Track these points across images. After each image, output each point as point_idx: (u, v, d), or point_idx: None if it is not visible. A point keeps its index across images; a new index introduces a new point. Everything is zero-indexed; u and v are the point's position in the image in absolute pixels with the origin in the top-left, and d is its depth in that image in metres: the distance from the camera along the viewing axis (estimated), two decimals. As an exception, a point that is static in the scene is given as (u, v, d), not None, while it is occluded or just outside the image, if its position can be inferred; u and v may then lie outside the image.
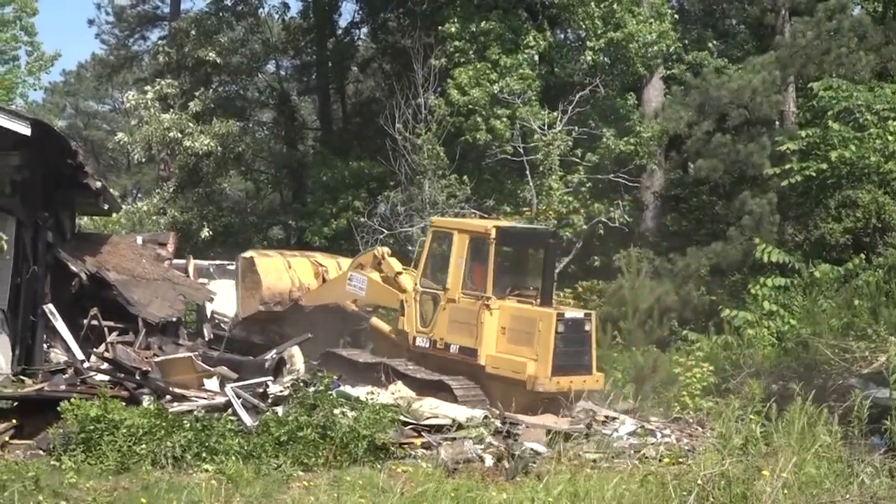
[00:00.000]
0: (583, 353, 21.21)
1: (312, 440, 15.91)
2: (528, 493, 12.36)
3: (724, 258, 29.80)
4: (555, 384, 20.39)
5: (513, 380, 20.65)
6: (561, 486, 12.45)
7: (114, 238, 27.73)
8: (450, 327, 21.83)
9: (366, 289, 23.71)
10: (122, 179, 61.04)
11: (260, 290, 25.13)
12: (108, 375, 18.75)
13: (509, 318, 21.23)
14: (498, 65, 33.13)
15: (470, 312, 21.49)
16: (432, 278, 22.74)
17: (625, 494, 11.78)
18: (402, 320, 22.75)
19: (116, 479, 14.32)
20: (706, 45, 37.12)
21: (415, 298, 22.56)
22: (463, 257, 21.83)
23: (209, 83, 40.55)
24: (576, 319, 21.25)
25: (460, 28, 33.65)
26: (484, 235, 21.72)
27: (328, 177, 36.73)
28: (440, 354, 21.89)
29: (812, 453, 12.26)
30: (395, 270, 23.37)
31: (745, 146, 30.75)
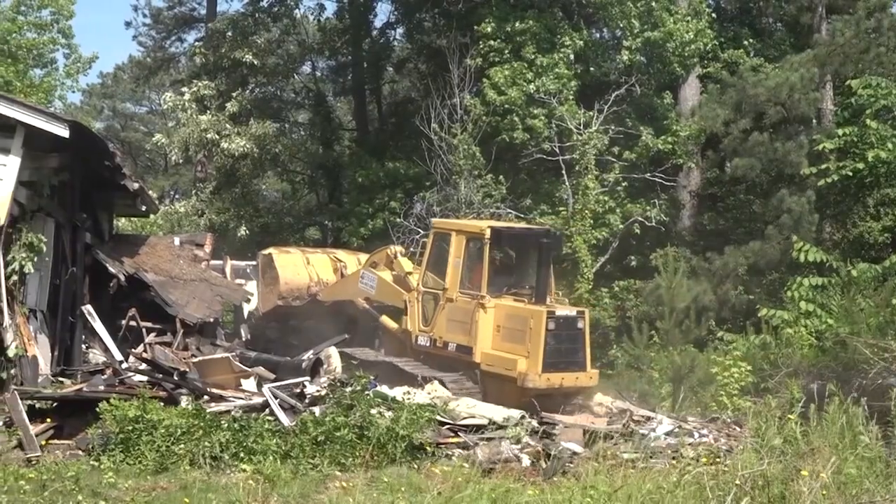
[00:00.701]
0: (576, 351, 21.29)
1: (350, 440, 15.92)
2: (565, 494, 12.32)
3: (762, 257, 29.67)
4: (545, 381, 20.55)
5: (505, 377, 20.87)
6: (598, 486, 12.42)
7: (151, 239, 27.85)
8: (448, 326, 22.11)
9: (376, 287, 24.13)
10: (160, 181, 61.32)
11: (278, 285, 25.66)
12: (147, 376, 18.80)
13: (504, 317, 21.45)
14: (534, 64, 33.10)
15: (466, 311, 21.74)
16: (433, 279, 22.92)
17: (662, 494, 11.73)
18: (406, 319, 23.11)
19: (155, 479, 14.38)
20: (742, 44, 36.95)
21: (417, 298, 22.88)
22: (460, 257, 22.11)
23: (245, 84, 40.67)
24: (568, 317, 21.36)
25: (496, 28, 33.64)
26: (479, 236, 21.99)
27: (364, 177, 36.80)
28: (439, 353, 22.16)
29: (851, 453, 12.18)
30: (405, 270, 23.72)
31: (782, 145, 30.60)
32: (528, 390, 20.40)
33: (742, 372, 23.46)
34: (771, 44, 38.26)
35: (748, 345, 26.25)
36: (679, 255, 30.58)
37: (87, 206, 23.32)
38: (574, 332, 21.27)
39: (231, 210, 38.42)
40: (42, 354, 19.74)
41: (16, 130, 18.60)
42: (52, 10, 37.30)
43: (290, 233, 42.09)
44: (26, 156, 18.75)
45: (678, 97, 35.87)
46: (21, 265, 18.85)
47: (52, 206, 20.64)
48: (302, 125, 46.30)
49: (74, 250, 22.20)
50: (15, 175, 18.52)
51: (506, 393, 20.44)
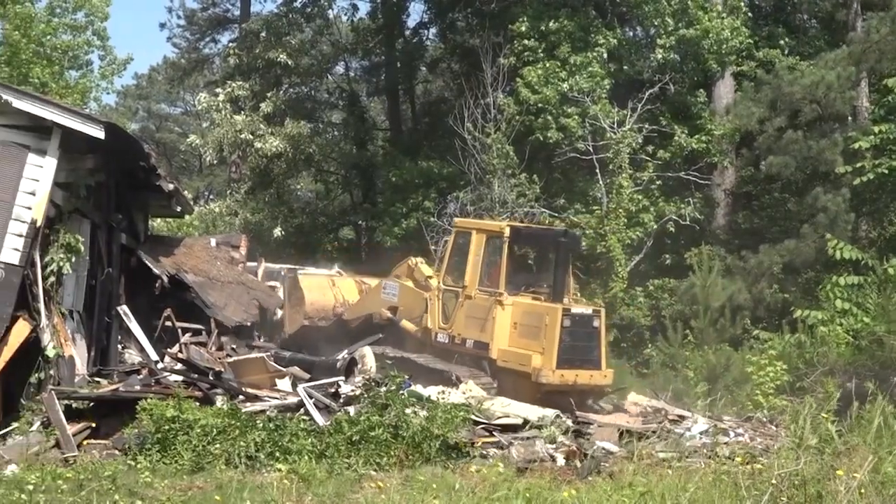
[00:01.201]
0: (590, 349, 21.41)
1: (384, 440, 15.94)
2: (600, 493, 12.30)
3: (797, 256, 29.53)
4: (559, 377, 20.68)
5: (520, 372, 21.01)
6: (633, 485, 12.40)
7: (187, 240, 27.96)
8: (466, 323, 22.31)
9: (398, 294, 24.35)
10: (194, 181, 61.59)
11: (303, 305, 25.87)
12: (182, 376, 18.90)
13: (521, 314, 21.63)
14: (567, 63, 33.05)
15: (484, 308, 21.95)
16: (453, 277, 23.11)
17: (698, 494, 11.70)
18: (426, 317, 23.26)
19: (191, 479, 14.44)
20: (777, 42, 36.77)
21: (437, 296, 23.07)
22: (480, 255, 22.31)
23: (279, 85, 40.80)
24: (583, 315, 21.48)
25: (530, 27, 33.61)
26: (498, 234, 22.19)
27: (398, 177, 36.85)
28: (457, 349, 22.36)
29: (889, 452, 12.11)
30: (424, 275, 24.05)
31: (817, 143, 30.43)
32: (541, 386, 20.59)
33: (777, 371, 23.37)
34: (806, 41, 38.05)
35: (784, 343, 26.13)
36: (714, 254, 30.50)
37: (123, 206, 23.43)
38: (589, 331, 21.40)
39: (265, 210, 38.53)
40: (79, 355, 19.85)
41: (52, 132, 18.70)
42: (86, 11, 37.52)
43: (323, 233, 42.18)
44: (62, 157, 18.85)
45: (712, 95, 35.73)
46: (59, 266, 18.96)
47: (87, 207, 20.74)
48: (335, 125, 46.39)
49: (110, 251, 22.32)
50: (51, 176, 18.63)
51: (520, 388, 20.59)
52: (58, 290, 19.16)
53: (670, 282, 32.49)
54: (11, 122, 18.50)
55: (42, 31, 35.92)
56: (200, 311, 24.18)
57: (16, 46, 34.92)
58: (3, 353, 17.98)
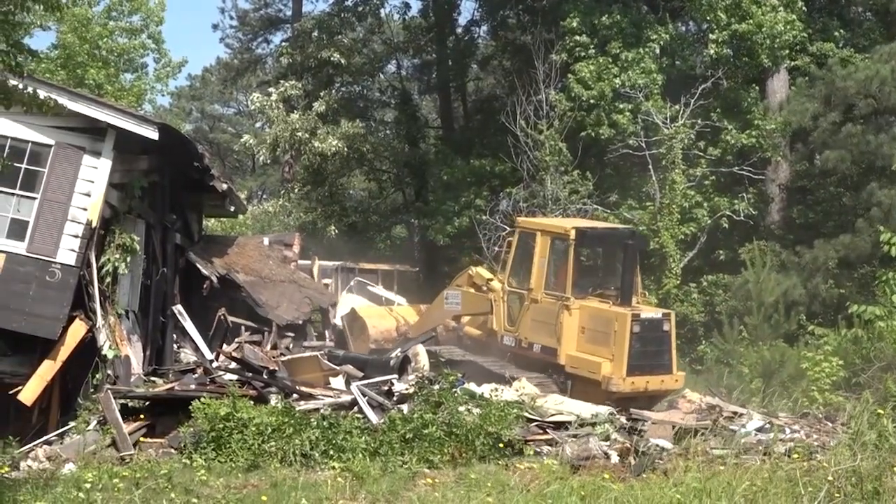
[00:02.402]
0: (661, 353, 21.15)
1: (437, 437, 15.97)
2: (655, 490, 12.26)
3: (853, 250, 29.24)
4: (629, 384, 20.46)
5: (589, 379, 20.77)
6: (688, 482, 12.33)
7: (240, 239, 28.10)
8: (532, 327, 22.03)
9: (461, 301, 24.16)
10: (248, 181, 61.86)
11: (367, 331, 25.73)
12: (237, 375, 18.99)
13: (588, 318, 21.34)
14: (619, 59, 32.90)
15: (551, 312, 21.64)
16: (519, 278, 22.85)
17: (754, 491, 11.62)
18: (492, 319, 23.02)
19: (246, 477, 14.53)
20: (832, 35, 36.43)
21: (502, 298, 22.80)
22: (545, 257, 22.04)
23: (331, 84, 40.89)
24: (653, 320, 21.19)
25: (581, 22, 33.48)
26: (564, 236, 21.91)
27: (450, 175, 36.81)
28: (524, 353, 22.09)
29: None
30: (485, 278, 23.77)
31: (874, 136, 30.14)
32: (612, 394, 20.30)
33: (833, 367, 23.16)
34: (860, 33, 37.67)
35: (839, 339, 25.87)
36: (768, 249, 30.28)
37: (177, 207, 23.61)
38: (659, 335, 21.16)
39: (319, 209, 38.63)
40: (134, 354, 20.02)
41: (106, 133, 18.87)
42: (142, 15, 37.83)
43: (376, 231, 42.22)
44: (117, 158, 19.03)
45: (766, 90, 35.45)
46: (114, 266, 19.13)
47: (142, 208, 20.91)
48: (387, 124, 46.43)
49: (165, 251, 22.49)
50: (106, 177, 18.81)
51: (590, 395, 20.32)
52: (113, 290, 19.36)
53: (724, 278, 32.27)
54: (67, 124, 18.70)
55: (98, 34, 36.21)
56: (253, 309, 24.29)
57: (71, 49, 35.25)
58: (61, 352, 18.19)
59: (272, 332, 23.89)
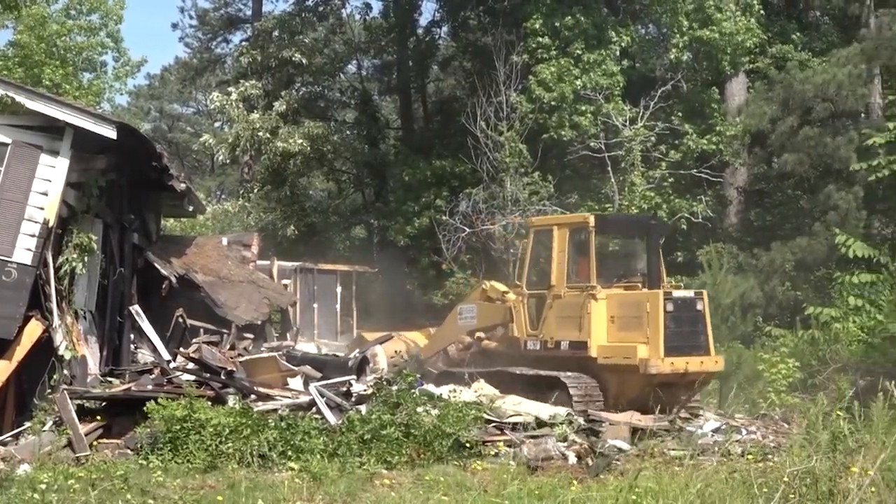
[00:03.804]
0: (697, 334, 20.53)
1: (396, 438, 15.97)
2: (611, 491, 12.28)
3: (810, 253, 29.49)
4: (669, 365, 19.83)
5: (625, 367, 20.09)
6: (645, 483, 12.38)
7: (199, 239, 27.97)
8: (558, 324, 21.33)
9: (476, 315, 23.50)
10: (207, 181, 61.65)
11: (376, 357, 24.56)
12: (194, 375, 18.91)
13: (617, 306, 20.74)
14: (581, 60, 33.01)
15: (576, 305, 20.98)
16: (537, 279, 22.43)
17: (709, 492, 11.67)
18: (512, 327, 22.33)
19: (203, 478, 14.46)
20: (790, 38, 36.70)
21: (522, 303, 22.21)
22: (564, 251, 21.45)
23: (292, 84, 40.83)
24: (686, 299, 20.63)
25: (543, 24, 33.56)
26: (583, 226, 21.40)
27: (410, 176, 36.83)
28: (551, 354, 21.38)
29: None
30: (500, 291, 23.22)
31: (831, 139, 30.38)
32: (651, 377, 19.75)
33: (789, 368, 23.33)
34: (818, 37, 37.98)
35: (796, 341, 26.10)
36: (725, 252, 30.45)
37: (135, 206, 23.47)
38: (694, 314, 20.58)
39: (278, 210, 38.55)
40: (91, 354, 19.89)
41: (64, 132, 18.74)
42: (101, 14, 37.64)
43: (335, 231, 42.20)
44: (74, 157, 18.90)
45: (725, 94, 35.68)
46: (72, 266, 19.00)
47: (100, 207, 20.78)
48: (348, 124, 46.40)
49: (122, 251, 22.37)
50: (64, 176, 18.67)
51: (627, 384, 19.99)
52: (70, 289, 19.21)
53: (682, 279, 32.39)
54: (24, 123, 18.57)
55: (56, 32, 36.00)
56: (212, 310, 24.20)
57: (28, 48, 35.03)
58: (16, 352, 18.03)
59: (231, 333, 23.79)
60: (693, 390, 20.72)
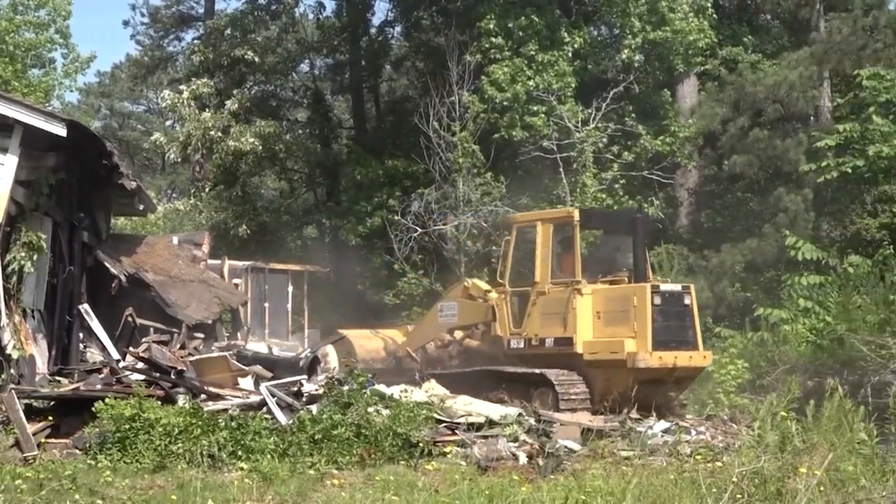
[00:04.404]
0: (685, 328, 20.52)
1: (347, 438, 15.95)
2: (561, 492, 12.33)
3: (759, 255, 29.72)
4: (657, 359, 19.78)
5: (612, 362, 20.06)
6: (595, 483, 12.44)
7: (150, 238, 27.86)
8: (542, 321, 21.24)
9: (457, 313, 23.39)
10: (157, 180, 61.27)
11: (354, 351, 24.41)
12: (144, 375, 18.81)
13: (603, 301, 20.66)
14: (534, 61, 33.09)
15: (561, 301, 20.89)
16: (520, 276, 22.25)
17: (658, 492, 11.74)
18: (495, 325, 22.20)
19: (152, 478, 14.40)
20: (741, 41, 36.96)
21: (504, 300, 22.09)
22: (548, 246, 21.37)
23: (244, 83, 40.67)
24: (673, 292, 20.62)
25: (497, 24, 33.60)
26: (567, 220, 21.35)
27: (362, 175, 36.77)
28: (535, 352, 21.31)
29: (848, 450, 12.20)
30: (483, 289, 23.11)
31: (781, 141, 30.63)
32: (639, 372, 19.69)
33: (739, 369, 23.48)
34: (769, 40, 38.28)
35: (745, 342, 26.27)
36: (676, 253, 30.60)
37: (85, 205, 23.34)
38: (681, 309, 20.57)
39: (230, 209, 38.39)
40: (39, 354, 19.77)
41: (13, 129, 18.61)
42: (48, 9, 37.32)
43: (287, 231, 42.09)
44: (24, 155, 18.77)
45: (676, 95, 35.87)
46: (20, 264, 18.86)
47: (49, 206, 20.65)
48: (300, 123, 46.25)
49: (72, 249, 22.23)
50: (12, 174, 18.54)
51: (614, 380, 19.84)
52: (19, 288, 19.10)
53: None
54: (-29, 120, 18.42)
55: (4, 29, 35.68)
56: (162, 309, 24.08)
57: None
58: (-37, 351, 17.90)
59: (181, 332, 23.69)
60: (682, 387, 20.75)
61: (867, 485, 11.47)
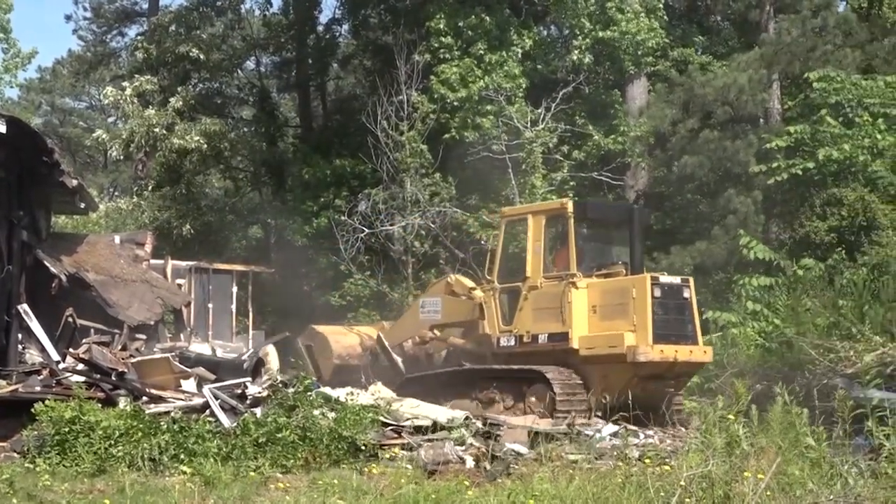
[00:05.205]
0: (684, 322, 20.36)
1: (291, 442, 15.90)
2: (508, 496, 12.36)
3: (709, 257, 29.88)
4: (658, 353, 19.59)
5: (611, 356, 19.83)
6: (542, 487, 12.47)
7: (91, 237, 27.66)
8: (535, 316, 20.96)
9: (441, 309, 23.13)
10: (99, 178, 60.89)
11: (329, 346, 24.45)
12: (84, 377, 18.67)
13: (599, 295, 20.40)
14: (483, 61, 33.12)
15: (555, 296, 20.65)
16: (509, 272, 22.07)
17: (606, 495, 11.79)
18: (483, 324, 21.92)
19: (92, 482, 14.28)
20: (691, 42, 37.18)
21: (493, 297, 21.83)
22: (540, 240, 21.17)
23: (188, 80, 40.47)
24: (673, 285, 20.43)
25: (446, 24, 33.59)
26: (560, 212, 21.11)
27: (309, 175, 36.68)
28: (528, 349, 21.02)
29: (795, 454, 12.29)
30: (467, 287, 22.91)
31: (731, 143, 30.83)
32: (640, 366, 19.54)
33: (688, 372, 23.54)
34: (719, 41, 38.54)
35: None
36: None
37: (25, 203, 23.11)
38: (681, 302, 20.41)
39: (173, 208, 38.19)
40: (-24, 354, 19.59)
41: (-49, 126, 18.44)
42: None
43: (231, 231, 41.93)
44: (-39, 152, 18.60)
45: (626, 96, 36.03)
46: (-43, 264, 18.70)
47: (-13, 204, 20.48)
48: (245, 121, 46.09)
49: (10, 248, 22.02)
50: (-51, 171, 18.38)
51: (612, 376, 19.69)
52: (-45, 288, 18.90)
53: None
54: None
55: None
56: (104, 310, 23.93)
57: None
58: None
59: (122, 333, 23.54)
60: (680, 384, 20.53)
61: (814, 488, 11.57)
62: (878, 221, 28.27)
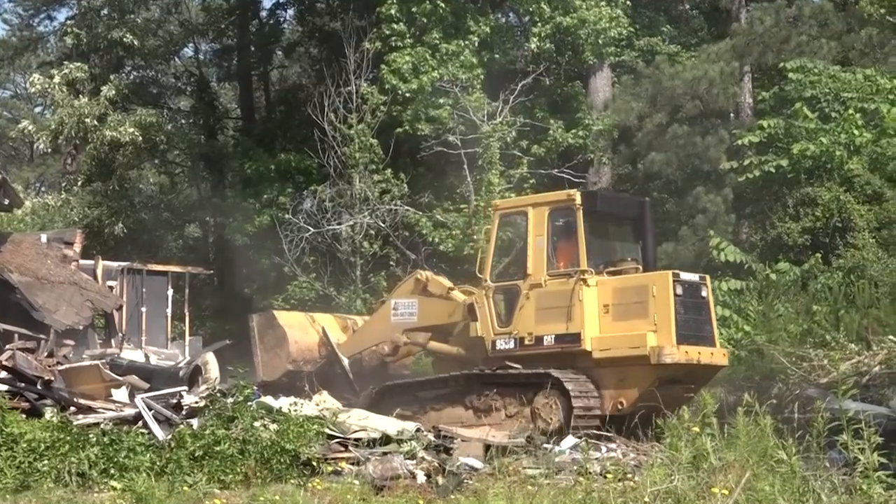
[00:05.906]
0: (703, 322, 20.14)
1: (231, 455, 15.83)
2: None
3: (676, 259, 29.94)
4: (684, 354, 19.32)
5: (631, 358, 19.51)
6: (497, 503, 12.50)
7: (15, 236, 27.49)
8: (539, 317, 20.52)
9: (417, 311, 22.57)
10: (25, 172, 60.44)
11: (286, 345, 23.47)
12: (7, 385, 18.55)
13: (612, 293, 20.06)
14: (438, 50, 33.07)
15: (562, 294, 20.25)
16: (505, 270, 21.91)
17: (566, 513, 11.85)
18: (476, 326, 21.31)
19: (15, 499, 14.21)
20: (658, 31, 37.32)
21: (487, 297, 21.34)
22: (543, 234, 20.73)
23: (122, 67, 40.31)
24: (692, 283, 20.17)
25: (399, 10, 33.49)
26: (567, 204, 20.72)
27: (251, 170, 36.58)
28: (530, 352, 20.57)
29: (766, 469, 12.35)
30: (446, 287, 22.52)
31: (701, 139, 30.94)
32: (664, 368, 19.26)
33: (653, 382, 23.61)
34: (688, 31, 38.71)
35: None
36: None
37: (-56, 199, 22.99)
38: (700, 301, 20.20)
39: (105, 205, 38.02)
40: None
41: None
42: None
43: (167, 230, 41.79)
44: None
45: (589, 89, 36.06)
46: None
47: None
48: (182, 112, 45.95)
49: (-72, 247, 21.88)
50: None
51: (630, 380, 19.48)
52: None
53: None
54: None
55: None
56: (28, 313, 23.78)
57: None
58: None
59: (49, 339, 23.41)
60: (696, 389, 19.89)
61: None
62: (854, 223, 28.38)
